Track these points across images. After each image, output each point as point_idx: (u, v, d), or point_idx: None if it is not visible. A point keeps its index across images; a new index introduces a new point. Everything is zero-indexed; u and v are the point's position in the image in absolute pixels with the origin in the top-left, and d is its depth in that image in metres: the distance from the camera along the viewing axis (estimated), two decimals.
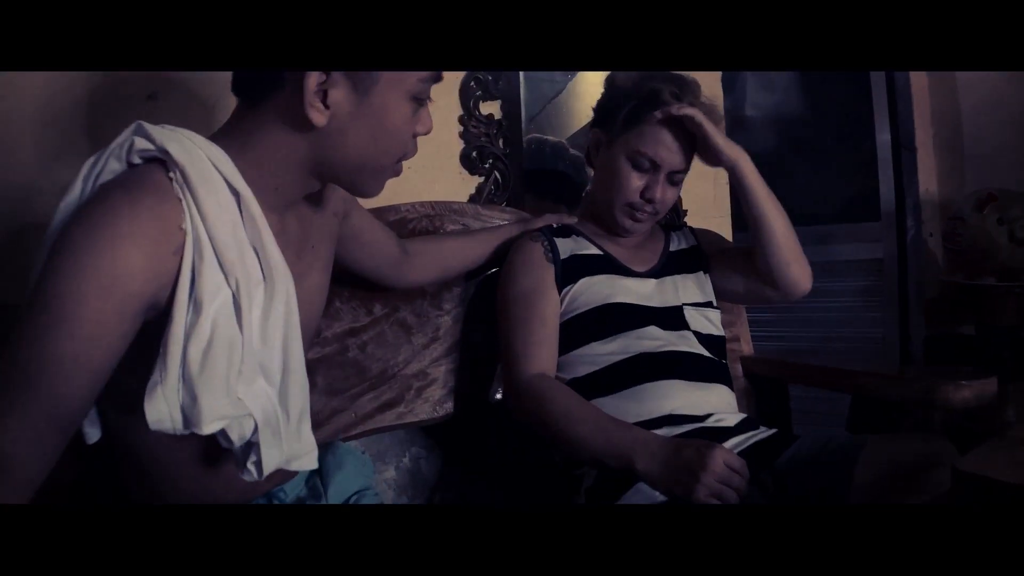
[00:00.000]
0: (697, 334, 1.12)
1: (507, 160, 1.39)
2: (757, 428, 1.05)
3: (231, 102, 0.73)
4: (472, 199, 1.36)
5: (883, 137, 2.15)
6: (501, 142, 1.39)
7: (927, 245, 2.15)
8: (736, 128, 2.27)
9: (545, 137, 1.56)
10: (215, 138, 0.69)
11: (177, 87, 1.14)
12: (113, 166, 0.65)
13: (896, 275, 2.12)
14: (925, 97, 2.20)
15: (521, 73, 1.43)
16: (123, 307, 0.58)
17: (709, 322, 1.16)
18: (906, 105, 2.15)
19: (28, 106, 1.04)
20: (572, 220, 1.22)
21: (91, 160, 0.67)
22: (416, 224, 1.20)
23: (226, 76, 1.12)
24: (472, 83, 1.36)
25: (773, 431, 1.04)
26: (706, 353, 1.10)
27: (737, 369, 1.35)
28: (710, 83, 1.58)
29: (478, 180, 1.38)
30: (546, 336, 1.06)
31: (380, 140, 0.69)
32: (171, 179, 0.63)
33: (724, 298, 1.25)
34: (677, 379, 1.03)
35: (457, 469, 1.25)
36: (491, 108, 1.39)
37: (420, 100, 0.70)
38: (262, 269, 0.67)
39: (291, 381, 0.69)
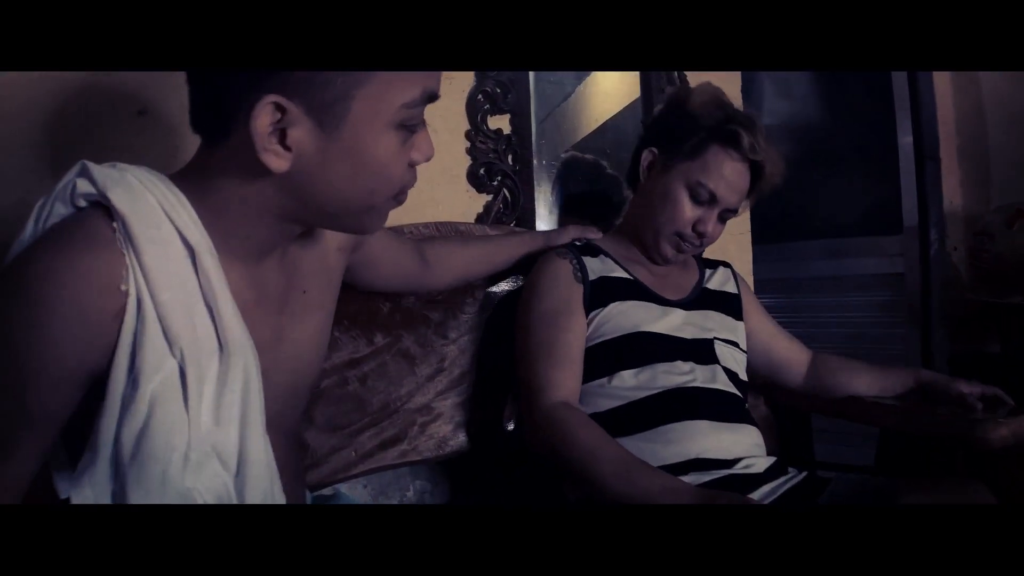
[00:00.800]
0: (726, 370, 1.05)
1: (516, 177, 1.32)
2: (787, 472, 0.98)
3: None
4: (479, 218, 1.30)
5: (905, 146, 2.07)
6: (510, 158, 1.32)
7: (951, 260, 2.08)
8: None
9: (582, 155, 1.51)
10: (178, 177, 0.61)
11: (169, 103, 1.08)
12: (60, 210, 0.58)
13: (918, 291, 2.04)
14: (949, 105, 2.12)
15: (532, 86, 1.37)
16: (57, 383, 0.53)
17: (736, 362, 1.09)
18: (929, 113, 2.07)
19: (14, 123, 0.99)
20: (597, 235, 1.16)
21: (40, 202, 0.60)
22: None
23: None
24: (480, 96, 1.30)
25: (804, 475, 0.98)
26: (734, 390, 1.04)
27: (759, 397, 1.29)
28: (729, 87, 1.53)
29: (486, 198, 1.31)
30: (571, 361, 0.99)
31: (363, 179, 0.59)
32: (115, 229, 0.55)
33: None
34: (705, 419, 0.96)
35: (464, 503, 1.19)
36: (500, 123, 1.32)
37: (410, 127, 0.60)
38: (218, 337, 0.58)
39: (249, 472, 0.59)
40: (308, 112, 0.55)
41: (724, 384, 1.03)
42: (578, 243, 1.14)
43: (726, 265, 1.25)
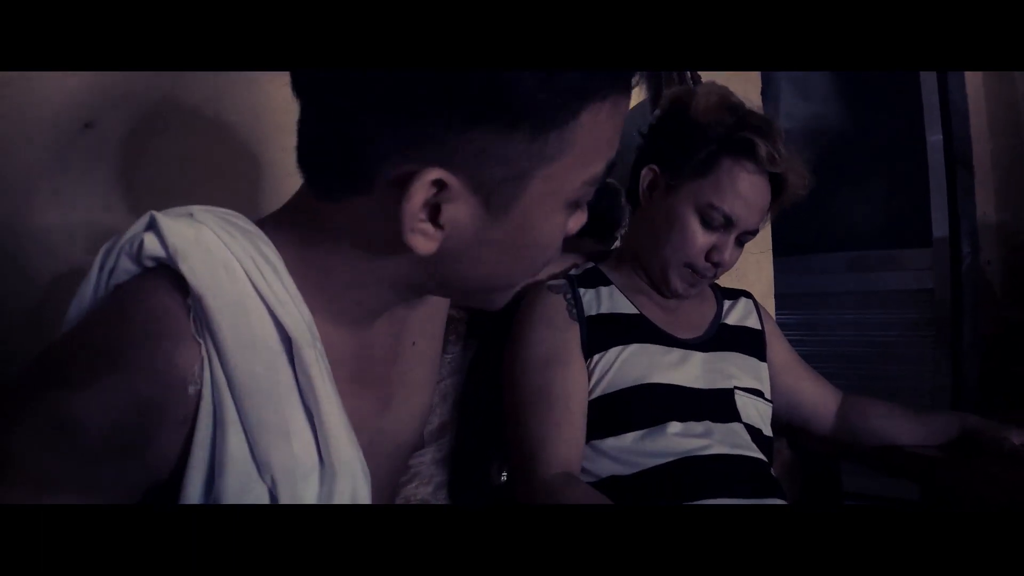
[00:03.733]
0: (748, 427, 0.91)
1: None
2: None
3: (179, 132, 0.56)
4: None
5: (934, 151, 1.95)
6: None
7: (984, 275, 1.94)
8: None
9: None
10: (277, 220, 0.52)
11: (117, 114, 0.97)
12: (126, 265, 0.49)
13: (949, 308, 1.91)
14: (982, 108, 1.99)
15: None
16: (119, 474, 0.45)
17: (759, 416, 0.95)
18: (960, 115, 1.93)
19: None
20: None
21: (105, 248, 0.51)
22: None
23: (173, 104, 0.95)
24: None
25: None
26: (758, 454, 0.90)
27: (781, 439, 1.16)
28: (749, 89, 1.42)
29: None
30: (569, 419, 0.86)
31: (520, 260, 0.51)
32: (189, 308, 0.46)
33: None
34: (724, 498, 0.82)
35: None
36: None
37: (579, 204, 0.52)
38: (319, 451, 0.48)
39: None
40: (475, 190, 0.45)
41: (746, 447, 0.89)
42: (578, 271, 1.01)
43: (747, 295, 1.10)
